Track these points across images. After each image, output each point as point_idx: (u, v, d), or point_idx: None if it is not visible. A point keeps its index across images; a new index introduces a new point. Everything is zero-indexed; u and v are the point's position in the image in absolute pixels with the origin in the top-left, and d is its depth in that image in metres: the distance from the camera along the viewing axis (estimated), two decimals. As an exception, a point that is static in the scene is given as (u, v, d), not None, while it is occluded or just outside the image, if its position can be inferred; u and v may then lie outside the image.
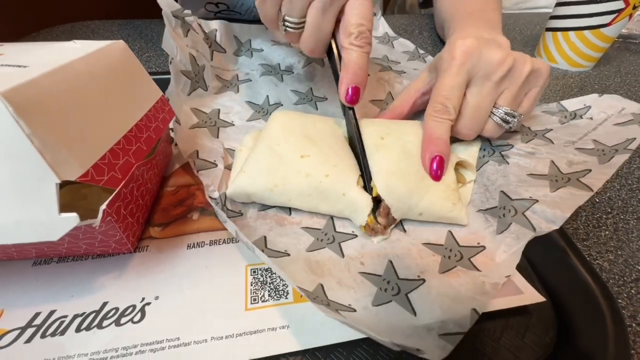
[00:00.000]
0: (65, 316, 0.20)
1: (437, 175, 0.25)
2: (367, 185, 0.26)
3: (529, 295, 0.21)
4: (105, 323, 0.20)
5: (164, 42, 0.32)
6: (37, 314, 0.20)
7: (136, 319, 0.20)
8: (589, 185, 0.23)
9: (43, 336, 0.19)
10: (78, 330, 0.19)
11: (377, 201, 0.25)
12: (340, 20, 0.27)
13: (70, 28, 0.53)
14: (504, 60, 0.25)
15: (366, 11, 0.26)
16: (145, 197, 0.24)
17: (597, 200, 0.29)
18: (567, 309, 0.21)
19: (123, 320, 0.20)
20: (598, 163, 0.25)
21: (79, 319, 0.20)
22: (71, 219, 0.16)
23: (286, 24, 0.27)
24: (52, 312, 0.20)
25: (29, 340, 0.19)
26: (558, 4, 0.48)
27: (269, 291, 0.21)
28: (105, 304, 0.20)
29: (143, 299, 0.21)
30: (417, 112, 0.32)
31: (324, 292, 0.20)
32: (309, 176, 0.25)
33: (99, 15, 0.59)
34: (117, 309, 0.20)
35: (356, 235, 0.25)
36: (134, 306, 0.20)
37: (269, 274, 0.22)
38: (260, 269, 0.23)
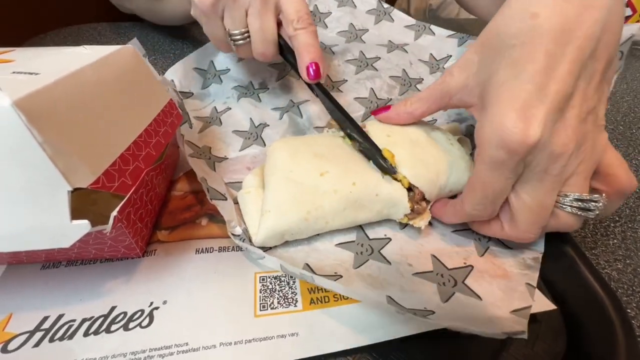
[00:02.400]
0: (74, 320, 0.20)
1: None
2: (357, 135, 0.26)
3: (540, 302, 0.21)
4: (113, 327, 0.20)
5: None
6: (45, 318, 0.20)
7: (144, 323, 0.20)
8: None
9: (51, 340, 0.19)
10: (86, 334, 0.19)
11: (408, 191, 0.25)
12: (280, 20, 0.30)
13: (77, 30, 0.54)
14: (567, 148, 0.19)
15: (299, 0, 0.29)
16: (154, 201, 0.24)
17: (605, 207, 0.29)
18: (576, 319, 0.21)
19: (131, 324, 0.20)
20: None
21: (87, 323, 0.20)
22: (83, 226, 0.16)
23: (234, 38, 0.30)
24: (60, 316, 0.20)
25: (37, 345, 0.19)
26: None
27: (278, 299, 0.21)
28: (113, 308, 0.21)
29: (151, 303, 0.21)
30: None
31: (398, 303, 0.20)
32: (337, 191, 0.24)
33: (104, 18, 0.59)
34: (125, 313, 0.20)
35: (390, 239, 0.25)
36: (142, 311, 0.20)
37: (278, 282, 0.22)
38: (269, 277, 0.23)
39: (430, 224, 0.26)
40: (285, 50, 0.31)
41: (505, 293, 0.21)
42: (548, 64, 0.18)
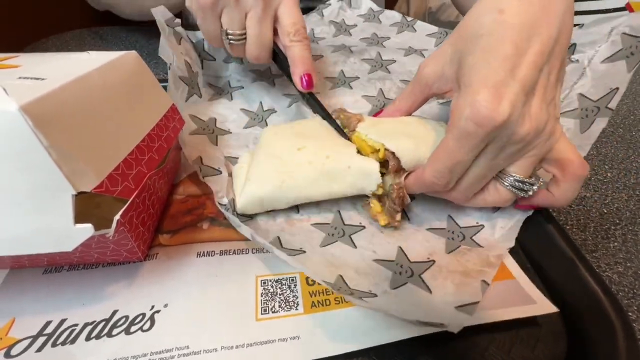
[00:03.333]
0: (76, 325, 0.20)
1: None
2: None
3: (541, 305, 0.21)
4: (115, 331, 0.20)
5: (161, 50, 0.32)
6: (48, 323, 0.20)
7: (146, 327, 0.20)
8: None
9: (54, 345, 0.19)
10: (88, 338, 0.19)
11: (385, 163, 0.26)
12: (276, 28, 0.31)
13: (79, 34, 0.54)
14: (530, 134, 0.20)
15: (296, 13, 0.30)
16: (155, 205, 0.24)
17: (605, 211, 0.29)
18: (577, 322, 0.21)
19: (133, 328, 0.20)
20: (579, 132, 0.26)
21: (89, 328, 0.20)
22: (86, 230, 0.17)
23: (229, 37, 0.31)
24: (62, 321, 0.20)
25: (40, 349, 0.19)
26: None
27: (279, 302, 0.21)
28: (115, 312, 0.21)
29: (152, 306, 0.21)
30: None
31: (345, 283, 0.21)
32: (311, 163, 0.25)
33: (107, 22, 0.59)
34: (126, 317, 0.20)
35: (364, 227, 0.26)
36: (144, 314, 0.20)
37: (279, 286, 0.22)
38: (270, 280, 0.23)
39: (408, 218, 0.27)
40: (278, 56, 0.33)
41: (458, 288, 0.21)
42: (515, 52, 0.20)
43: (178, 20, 0.34)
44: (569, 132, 0.27)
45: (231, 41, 0.31)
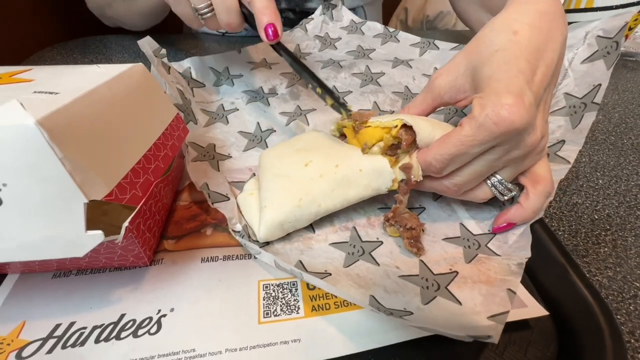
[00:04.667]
0: (85, 327, 0.21)
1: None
2: (328, 92, 0.30)
3: (533, 308, 0.22)
4: (123, 334, 0.20)
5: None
6: (57, 326, 0.21)
7: (153, 330, 0.21)
8: (566, 157, 0.28)
9: (64, 347, 0.20)
10: (97, 341, 0.20)
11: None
12: None
13: (83, 43, 0.55)
14: (534, 145, 0.22)
15: None
16: (161, 212, 0.25)
17: (597, 217, 0.30)
18: (567, 325, 0.22)
19: (140, 331, 0.21)
20: (571, 127, 0.28)
21: (97, 331, 0.21)
22: (97, 236, 0.17)
23: (200, 12, 0.33)
24: (72, 324, 0.21)
25: (50, 351, 0.19)
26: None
27: (280, 306, 0.22)
28: (122, 315, 0.21)
29: (159, 310, 0.22)
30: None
31: (379, 303, 0.21)
32: (322, 175, 0.25)
33: (110, 30, 0.61)
34: (134, 320, 0.21)
35: (382, 242, 0.26)
36: (151, 318, 0.21)
37: (281, 290, 0.23)
38: (272, 285, 0.23)
39: (422, 230, 0.27)
40: (249, 18, 0.33)
41: (486, 298, 0.22)
42: (529, 68, 0.22)
43: (164, 51, 0.35)
44: (561, 128, 0.29)
45: (203, 16, 0.33)
